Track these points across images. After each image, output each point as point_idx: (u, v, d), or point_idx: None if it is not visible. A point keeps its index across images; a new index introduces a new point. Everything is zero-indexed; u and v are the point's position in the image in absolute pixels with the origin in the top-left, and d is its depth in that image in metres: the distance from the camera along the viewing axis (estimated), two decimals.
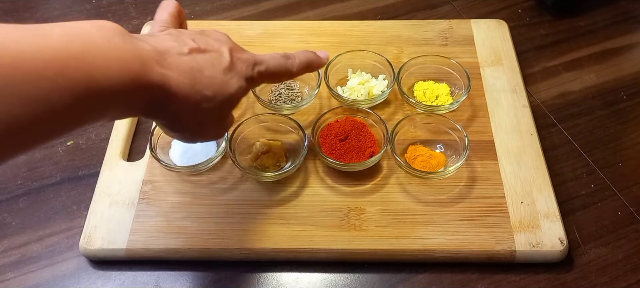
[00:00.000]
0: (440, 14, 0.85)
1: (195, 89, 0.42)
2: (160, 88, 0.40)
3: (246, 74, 0.47)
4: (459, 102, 0.68)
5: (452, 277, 0.57)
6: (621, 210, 0.62)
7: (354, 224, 0.59)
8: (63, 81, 0.33)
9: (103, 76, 0.35)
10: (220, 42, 0.47)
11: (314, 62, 0.55)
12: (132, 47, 0.38)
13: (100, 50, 0.36)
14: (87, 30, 0.36)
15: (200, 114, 0.44)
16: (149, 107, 0.41)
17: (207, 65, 0.44)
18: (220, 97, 0.44)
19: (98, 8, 0.87)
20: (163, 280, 0.57)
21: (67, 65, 0.33)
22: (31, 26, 0.35)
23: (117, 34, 0.38)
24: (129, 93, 0.38)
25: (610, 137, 0.69)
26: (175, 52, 0.42)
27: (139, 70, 0.38)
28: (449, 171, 0.61)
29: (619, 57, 0.79)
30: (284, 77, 0.53)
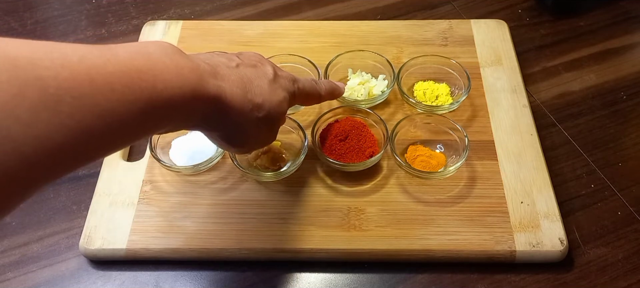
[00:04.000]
0: (440, 14, 0.85)
1: (247, 99, 0.45)
2: (216, 99, 0.43)
3: (288, 88, 0.51)
4: (459, 102, 0.68)
5: (452, 277, 0.57)
6: (621, 210, 0.62)
7: (354, 224, 0.59)
8: (130, 94, 0.35)
9: (165, 88, 0.37)
10: (261, 58, 0.51)
11: (335, 91, 0.61)
12: (189, 62, 0.41)
13: (161, 65, 0.38)
14: (147, 48, 0.39)
15: (253, 123, 0.47)
16: (206, 118, 0.44)
17: (254, 77, 0.47)
18: (268, 105, 0.47)
19: (98, 8, 0.87)
20: (163, 280, 0.57)
21: (132, 78, 0.35)
22: (96, 46, 0.36)
23: (174, 51, 0.41)
24: (188, 104, 0.40)
25: (610, 137, 0.69)
26: (225, 66, 0.45)
27: (197, 82, 0.40)
28: (449, 171, 0.61)
29: (619, 57, 0.79)
30: (314, 99, 0.58)
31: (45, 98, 0.30)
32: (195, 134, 0.66)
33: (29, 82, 0.30)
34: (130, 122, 0.35)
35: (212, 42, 0.77)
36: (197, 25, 0.80)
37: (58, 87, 0.31)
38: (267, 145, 0.55)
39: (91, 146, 0.34)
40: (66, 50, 0.33)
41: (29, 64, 0.30)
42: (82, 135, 0.32)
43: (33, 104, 0.29)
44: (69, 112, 0.31)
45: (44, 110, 0.30)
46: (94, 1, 0.88)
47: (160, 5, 0.87)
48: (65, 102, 0.31)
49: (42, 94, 0.30)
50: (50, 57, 0.32)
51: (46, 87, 0.30)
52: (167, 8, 0.86)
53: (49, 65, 0.31)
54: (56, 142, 0.31)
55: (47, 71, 0.31)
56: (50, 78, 0.31)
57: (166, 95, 0.38)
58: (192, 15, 0.85)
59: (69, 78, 0.32)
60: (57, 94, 0.30)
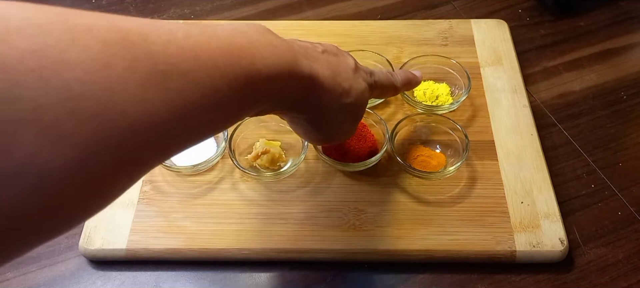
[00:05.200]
0: (440, 14, 0.85)
1: (336, 82, 0.45)
2: (310, 78, 0.42)
3: (367, 80, 0.50)
4: (459, 102, 0.68)
5: (452, 277, 0.57)
6: (621, 210, 0.62)
7: (354, 224, 0.59)
8: (231, 71, 0.35)
9: (264, 66, 0.37)
10: (340, 49, 0.50)
11: (412, 80, 0.59)
12: (283, 42, 0.41)
13: (259, 43, 0.38)
14: (242, 27, 0.39)
15: (341, 108, 0.47)
16: (299, 98, 0.43)
17: (338, 63, 0.47)
18: (355, 92, 0.47)
19: (98, 8, 0.87)
20: (163, 280, 0.57)
21: (234, 55, 0.35)
22: (196, 23, 0.36)
23: (267, 31, 0.40)
24: (285, 82, 0.40)
25: (610, 137, 0.69)
26: (313, 49, 0.45)
27: (292, 61, 0.40)
28: (449, 171, 0.61)
29: (619, 57, 0.79)
30: (390, 92, 0.56)
31: (155, 73, 0.29)
32: None
33: (139, 56, 0.29)
34: (231, 98, 0.35)
35: None
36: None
37: (166, 63, 0.30)
38: (348, 138, 0.54)
39: (195, 124, 0.33)
40: (171, 26, 0.33)
41: (139, 38, 0.30)
42: (188, 112, 0.32)
43: (143, 79, 0.29)
44: (176, 88, 0.30)
45: (153, 86, 0.29)
46: (94, 1, 0.88)
47: (160, 5, 0.87)
48: (172, 78, 0.30)
49: (152, 69, 0.29)
50: (158, 32, 0.31)
51: (156, 63, 0.30)
52: (167, 8, 0.86)
53: (157, 41, 0.31)
54: (164, 118, 0.30)
55: (156, 46, 0.30)
56: (159, 53, 0.30)
57: (265, 73, 0.37)
58: (192, 15, 0.85)
59: (176, 54, 0.31)
60: (165, 70, 0.30)
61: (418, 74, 0.61)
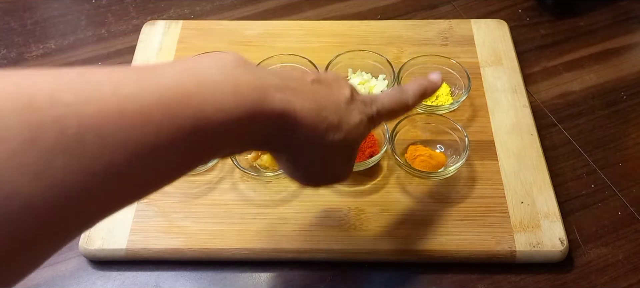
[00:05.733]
0: (440, 14, 0.85)
1: (321, 116, 0.40)
2: (282, 115, 0.37)
3: (366, 112, 0.44)
4: (459, 102, 0.68)
5: (452, 277, 0.57)
6: (621, 210, 0.62)
7: (354, 224, 0.59)
8: (170, 124, 0.30)
9: (215, 111, 0.33)
10: (339, 79, 0.45)
11: (428, 88, 0.51)
12: (252, 77, 0.36)
13: (214, 85, 0.34)
14: (203, 65, 0.35)
15: (327, 146, 0.41)
16: (269, 137, 0.39)
17: (329, 94, 0.42)
18: (345, 127, 0.42)
19: (98, 8, 0.87)
20: (163, 280, 0.57)
21: (176, 104, 0.31)
22: (147, 66, 0.33)
23: (237, 65, 0.36)
24: (245, 125, 0.35)
25: (610, 137, 0.69)
26: (298, 80, 0.41)
27: (258, 99, 0.36)
28: (449, 171, 0.61)
29: (619, 57, 0.79)
30: (401, 113, 0.49)
31: (63, 140, 0.26)
32: None
33: (45, 124, 0.26)
34: (170, 156, 0.31)
35: (212, 42, 0.77)
36: (197, 25, 0.80)
37: (80, 126, 0.27)
38: (343, 179, 0.48)
39: (122, 189, 0.30)
40: (100, 77, 0.29)
41: (47, 101, 0.26)
42: (110, 178, 0.28)
43: (47, 149, 0.25)
44: (93, 154, 0.27)
45: (61, 154, 0.26)
46: (94, 1, 0.88)
47: (160, 5, 0.87)
48: (87, 141, 0.27)
49: (59, 135, 0.26)
50: (76, 89, 0.28)
51: (65, 128, 0.26)
52: (167, 8, 0.86)
53: (71, 101, 0.27)
54: (76, 188, 0.27)
55: (69, 108, 0.27)
56: (71, 116, 0.27)
57: (216, 120, 0.33)
58: (192, 15, 0.85)
59: (95, 114, 0.27)
60: (78, 134, 0.26)
61: (435, 77, 0.53)
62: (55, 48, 0.81)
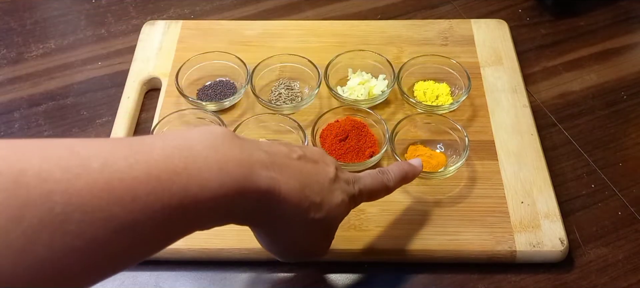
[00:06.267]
0: (440, 14, 0.85)
1: (304, 194, 0.41)
2: (268, 192, 0.38)
3: (348, 191, 0.46)
4: (459, 102, 0.68)
5: (452, 277, 0.57)
6: (621, 210, 0.62)
7: (354, 224, 0.59)
8: (155, 201, 0.31)
9: (200, 190, 0.33)
10: (324, 156, 0.46)
11: (409, 173, 0.53)
12: (239, 153, 0.37)
13: (201, 161, 0.34)
14: (192, 141, 0.35)
15: (308, 223, 0.42)
16: (252, 213, 0.39)
17: (314, 173, 0.43)
18: (327, 206, 0.43)
19: (97, 8, 0.87)
20: (163, 280, 0.57)
21: (162, 182, 0.31)
22: (137, 139, 0.33)
23: (226, 140, 0.37)
24: (229, 201, 0.36)
25: (610, 137, 0.69)
26: (285, 156, 0.41)
27: (244, 176, 0.36)
28: (449, 171, 0.61)
29: (619, 57, 0.79)
30: (382, 194, 0.50)
31: (50, 217, 0.26)
32: None
33: (31, 201, 0.26)
34: (153, 231, 0.32)
35: (212, 42, 0.77)
36: (197, 25, 0.80)
37: (66, 203, 0.26)
38: (321, 256, 0.49)
39: (105, 264, 0.30)
40: (89, 152, 0.29)
41: (35, 177, 0.26)
42: (94, 254, 0.28)
43: (32, 227, 0.25)
44: (77, 230, 0.27)
45: (46, 231, 0.26)
46: (94, 1, 0.88)
47: (160, 5, 0.87)
48: (73, 219, 0.27)
49: (47, 212, 0.26)
50: (66, 164, 0.28)
51: (53, 205, 0.26)
52: (167, 8, 0.86)
53: (60, 177, 0.27)
54: (57, 267, 0.26)
55: (58, 185, 0.27)
56: (59, 193, 0.26)
57: (201, 197, 0.33)
58: (192, 15, 0.85)
59: (83, 190, 0.27)
60: (64, 212, 0.26)
61: (416, 163, 0.55)
62: (55, 48, 0.81)
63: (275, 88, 0.71)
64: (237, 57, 0.71)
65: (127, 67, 0.75)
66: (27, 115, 0.72)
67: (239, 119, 0.66)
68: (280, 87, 0.71)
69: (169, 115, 0.66)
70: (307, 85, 0.71)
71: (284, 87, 0.71)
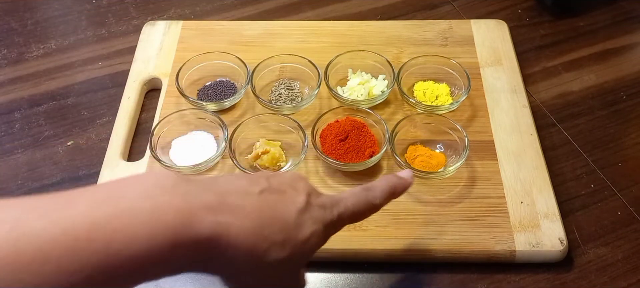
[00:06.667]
0: (440, 14, 0.85)
1: (262, 235, 0.36)
2: (210, 239, 0.34)
3: (324, 219, 0.40)
4: (459, 102, 0.68)
5: (452, 277, 0.57)
6: (621, 210, 0.62)
7: (354, 224, 0.59)
8: (70, 263, 0.28)
9: (125, 246, 0.30)
10: (295, 183, 0.41)
11: (397, 187, 0.47)
12: (179, 201, 0.34)
13: (129, 214, 0.31)
14: (123, 189, 0.33)
15: (268, 266, 0.37)
16: (198, 262, 0.36)
17: (279, 207, 0.38)
18: (292, 243, 0.38)
19: (98, 8, 0.87)
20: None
21: (78, 241, 0.29)
22: (61, 196, 0.31)
23: (166, 186, 0.34)
24: (165, 254, 0.32)
25: (610, 137, 0.69)
26: (242, 193, 0.37)
27: (180, 224, 0.33)
28: (449, 171, 0.61)
29: (619, 57, 0.79)
30: (368, 214, 0.45)
31: None
32: (195, 134, 0.66)
33: None
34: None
35: (212, 42, 0.77)
36: (197, 25, 0.80)
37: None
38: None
39: None
40: (4, 214, 0.28)
41: None
42: None
43: None
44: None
45: None
46: (94, 1, 0.88)
47: (160, 5, 0.87)
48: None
49: None
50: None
51: None
52: (167, 8, 0.87)
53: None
54: None
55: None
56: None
57: (127, 254, 0.30)
58: (192, 15, 0.85)
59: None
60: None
61: (406, 175, 0.48)
62: (56, 48, 0.81)
63: (275, 88, 0.71)
64: (237, 57, 0.71)
65: (127, 67, 0.75)
66: (27, 115, 0.72)
67: (239, 119, 0.66)
68: (280, 87, 0.71)
69: (170, 115, 0.66)
70: (307, 86, 0.71)
71: (284, 87, 0.71)
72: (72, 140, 0.69)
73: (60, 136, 0.70)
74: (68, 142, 0.69)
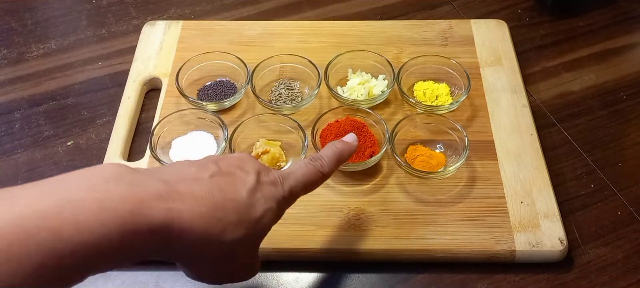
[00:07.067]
0: (440, 14, 0.85)
1: (215, 218, 0.37)
2: (163, 226, 0.35)
3: (276, 196, 0.42)
4: (459, 102, 0.68)
5: (452, 277, 0.57)
6: (621, 210, 0.62)
7: (354, 224, 0.59)
8: (18, 252, 0.29)
9: (75, 232, 0.31)
10: (243, 163, 0.42)
11: (343, 152, 0.49)
12: (126, 189, 0.34)
13: (78, 204, 0.32)
14: (69, 184, 0.33)
15: (224, 247, 0.38)
16: (153, 249, 0.36)
17: (230, 188, 0.39)
18: (247, 222, 0.39)
19: (98, 8, 0.87)
20: (163, 280, 0.57)
21: (26, 231, 0.30)
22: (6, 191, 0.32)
23: (111, 178, 0.34)
24: (116, 242, 0.33)
25: (610, 137, 0.69)
26: (191, 179, 0.38)
27: (129, 213, 0.34)
28: (449, 171, 0.61)
29: (618, 57, 0.79)
30: (318, 183, 0.47)
31: None
32: (195, 134, 0.66)
33: None
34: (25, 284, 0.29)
35: (212, 42, 0.77)
36: (197, 25, 0.80)
37: None
38: (251, 275, 0.46)
39: None
40: None
41: None
42: None
43: None
44: None
45: None
46: (94, 1, 0.88)
47: (160, 5, 0.87)
48: None
49: None
50: None
51: None
52: (167, 8, 0.87)
53: None
54: None
55: None
56: None
57: (78, 240, 0.31)
58: (192, 15, 0.85)
59: None
60: None
61: (350, 139, 0.51)
62: (56, 48, 0.81)
63: (275, 88, 0.71)
64: (237, 57, 0.71)
65: (127, 67, 0.75)
66: (27, 115, 0.72)
67: (239, 119, 0.66)
68: (280, 87, 0.71)
69: (170, 115, 0.66)
70: (307, 85, 0.71)
71: (284, 87, 0.71)
72: (72, 140, 0.69)
73: (60, 136, 0.70)
74: (68, 142, 0.69)
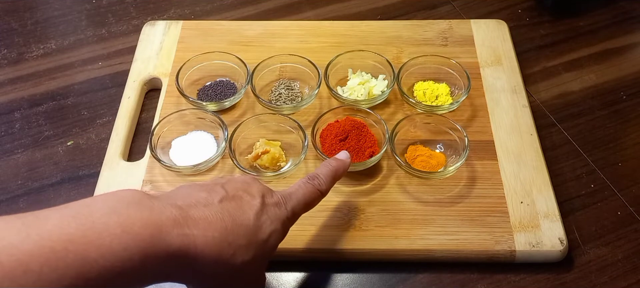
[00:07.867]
0: (440, 14, 0.85)
1: (227, 242, 0.39)
2: (180, 252, 0.37)
3: (280, 217, 0.44)
4: (459, 102, 0.68)
5: (452, 277, 0.57)
6: (621, 210, 0.62)
7: (354, 224, 0.59)
8: (50, 272, 0.30)
9: (101, 256, 0.32)
10: (249, 185, 0.44)
11: (338, 169, 0.52)
12: (147, 215, 0.36)
13: (101, 227, 0.33)
14: (93, 207, 0.34)
15: (235, 269, 0.40)
16: (169, 273, 0.38)
17: (238, 213, 0.41)
18: (255, 245, 0.41)
19: (98, 8, 0.87)
20: None
21: (56, 252, 0.31)
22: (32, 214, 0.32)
23: (131, 202, 0.36)
24: (137, 265, 0.35)
25: (610, 137, 0.69)
26: (203, 205, 0.40)
27: (150, 237, 0.35)
28: (449, 171, 0.61)
29: (618, 57, 0.79)
30: (317, 201, 0.49)
31: None
32: (195, 134, 0.66)
33: None
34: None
35: (212, 42, 0.77)
36: (197, 25, 0.80)
37: None
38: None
39: None
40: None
41: None
42: None
43: None
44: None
45: None
46: (94, 1, 0.88)
47: (160, 5, 0.87)
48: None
49: None
50: None
51: None
52: (167, 8, 0.87)
53: None
54: None
55: None
56: None
57: (103, 264, 0.32)
58: (192, 15, 0.85)
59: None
60: None
61: (344, 157, 0.54)
62: (56, 48, 0.81)
63: (275, 88, 0.71)
64: (237, 57, 0.71)
65: (127, 67, 0.75)
66: (27, 115, 0.72)
67: (239, 119, 0.66)
68: (280, 87, 0.71)
69: (170, 115, 0.66)
70: (307, 85, 0.71)
71: (284, 87, 0.71)
72: (72, 140, 0.69)
73: (60, 136, 0.70)
74: (68, 142, 0.69)
